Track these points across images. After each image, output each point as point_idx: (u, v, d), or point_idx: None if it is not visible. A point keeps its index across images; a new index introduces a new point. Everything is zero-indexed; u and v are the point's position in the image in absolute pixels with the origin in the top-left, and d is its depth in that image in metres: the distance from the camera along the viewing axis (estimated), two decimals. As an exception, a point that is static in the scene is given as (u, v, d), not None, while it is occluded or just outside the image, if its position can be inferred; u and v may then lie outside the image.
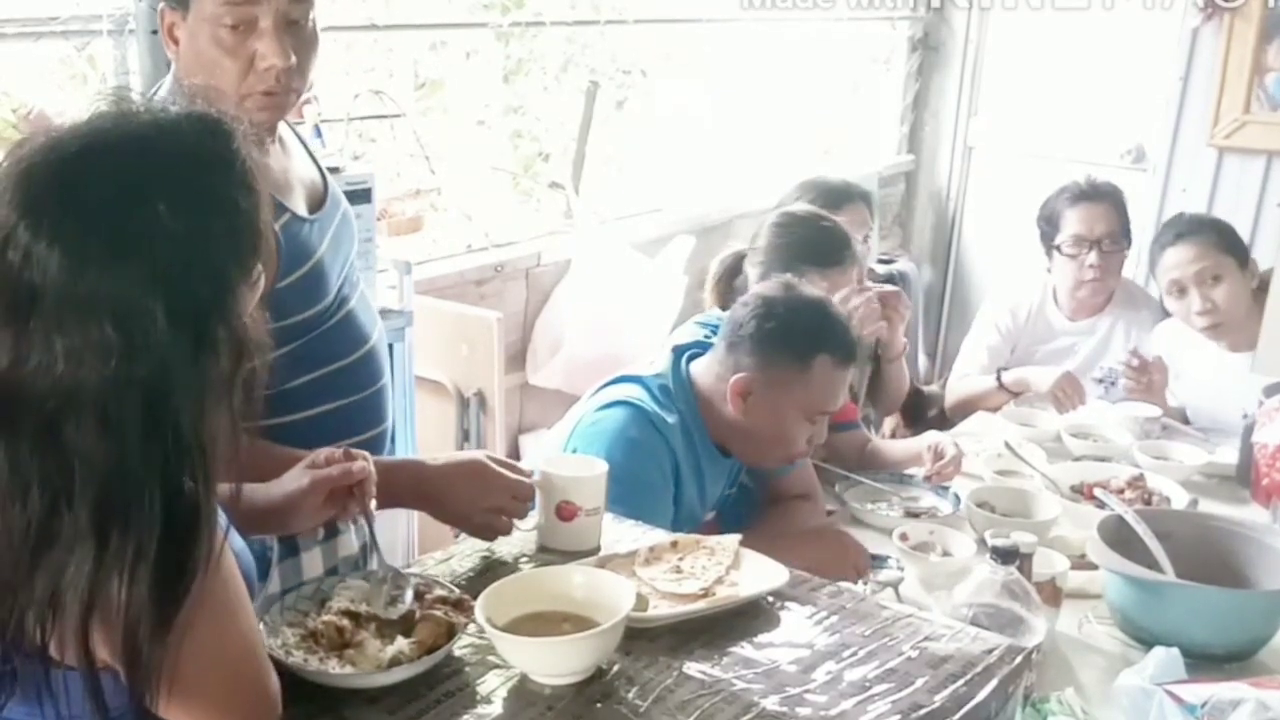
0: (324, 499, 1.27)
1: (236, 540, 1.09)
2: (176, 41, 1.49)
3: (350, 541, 1.50)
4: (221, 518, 0.97)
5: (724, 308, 2.22)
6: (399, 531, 2.56)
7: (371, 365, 1.64)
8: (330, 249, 1.58)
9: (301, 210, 1.56)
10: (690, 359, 2.00)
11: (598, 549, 1.48)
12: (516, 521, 1.47)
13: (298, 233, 1.52)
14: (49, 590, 0.90)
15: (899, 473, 2.36)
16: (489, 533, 1.47)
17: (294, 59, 1.46)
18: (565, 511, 1.47)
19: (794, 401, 1.89)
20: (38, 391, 0.90)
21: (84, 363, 0.89)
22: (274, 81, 1.46)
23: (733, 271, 2.39)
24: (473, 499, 1.44)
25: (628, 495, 1.73)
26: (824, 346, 1.88)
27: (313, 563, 1.52)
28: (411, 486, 1.45)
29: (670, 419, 1.88)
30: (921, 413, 3.05)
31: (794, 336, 1.89)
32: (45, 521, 0.90)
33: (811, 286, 2.01)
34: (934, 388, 2.95)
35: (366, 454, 1.31)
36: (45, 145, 0.94)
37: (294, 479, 1.28)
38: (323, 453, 1.30)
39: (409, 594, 1.24)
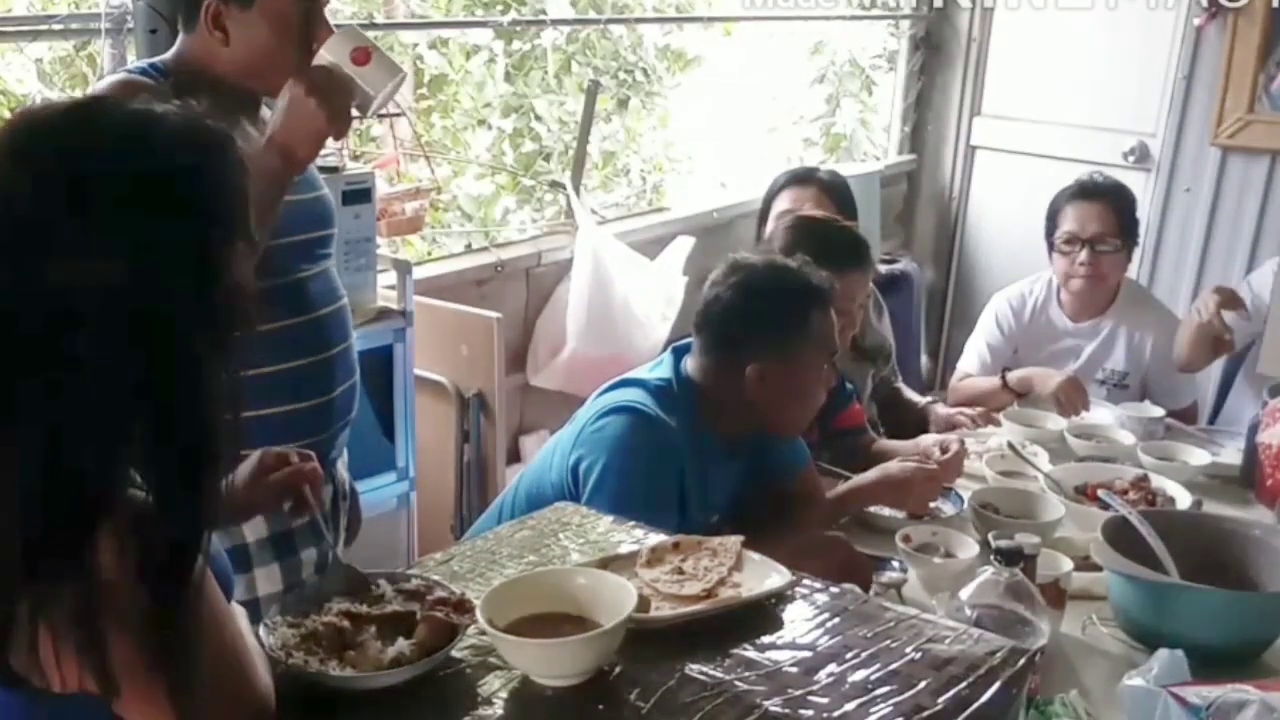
0: (273, 497, 1.32)
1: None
2: (224, 30, 1.62)
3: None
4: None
5: None
6: (399, 533, 2.56)
7: (314, 335, 1.74)
8: (284, 219, 1.64)
9: None
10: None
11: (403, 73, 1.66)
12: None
13: None
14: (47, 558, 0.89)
15: None
16: None
17: None
18: (360, 56, 1.59)
19: (806, 361, 1.94)
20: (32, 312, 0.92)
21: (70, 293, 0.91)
22: None
23: None
24: None
25: (634, 499, 1.73)
26: (810, 303, 1.94)
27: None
28: None
29: (673, 422, 1.88)
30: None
31: (782, 310, 1.93)
32: (46, 456, 0.90)
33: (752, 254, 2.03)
34: (934, 398, 2.92)
35: (312, 454, 1.35)
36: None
37: (243, 479, 1.30)
38: (271, 452, 1.33)
39: (384, 584, 1.25)
